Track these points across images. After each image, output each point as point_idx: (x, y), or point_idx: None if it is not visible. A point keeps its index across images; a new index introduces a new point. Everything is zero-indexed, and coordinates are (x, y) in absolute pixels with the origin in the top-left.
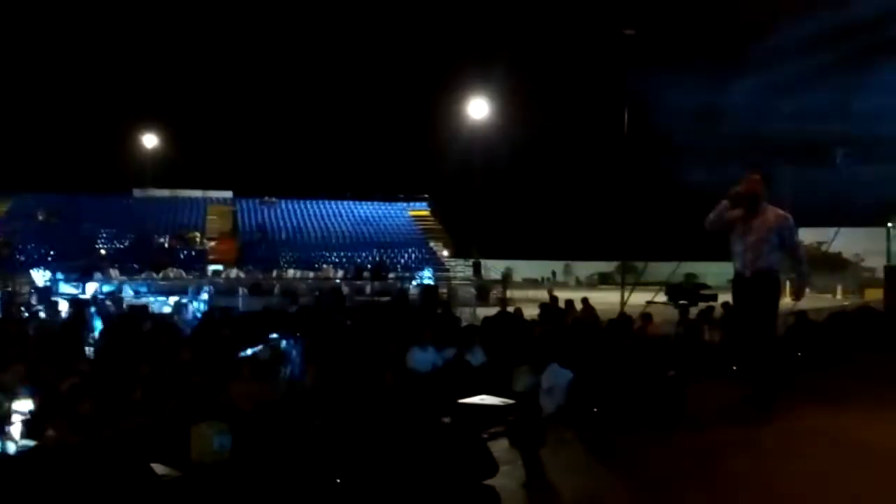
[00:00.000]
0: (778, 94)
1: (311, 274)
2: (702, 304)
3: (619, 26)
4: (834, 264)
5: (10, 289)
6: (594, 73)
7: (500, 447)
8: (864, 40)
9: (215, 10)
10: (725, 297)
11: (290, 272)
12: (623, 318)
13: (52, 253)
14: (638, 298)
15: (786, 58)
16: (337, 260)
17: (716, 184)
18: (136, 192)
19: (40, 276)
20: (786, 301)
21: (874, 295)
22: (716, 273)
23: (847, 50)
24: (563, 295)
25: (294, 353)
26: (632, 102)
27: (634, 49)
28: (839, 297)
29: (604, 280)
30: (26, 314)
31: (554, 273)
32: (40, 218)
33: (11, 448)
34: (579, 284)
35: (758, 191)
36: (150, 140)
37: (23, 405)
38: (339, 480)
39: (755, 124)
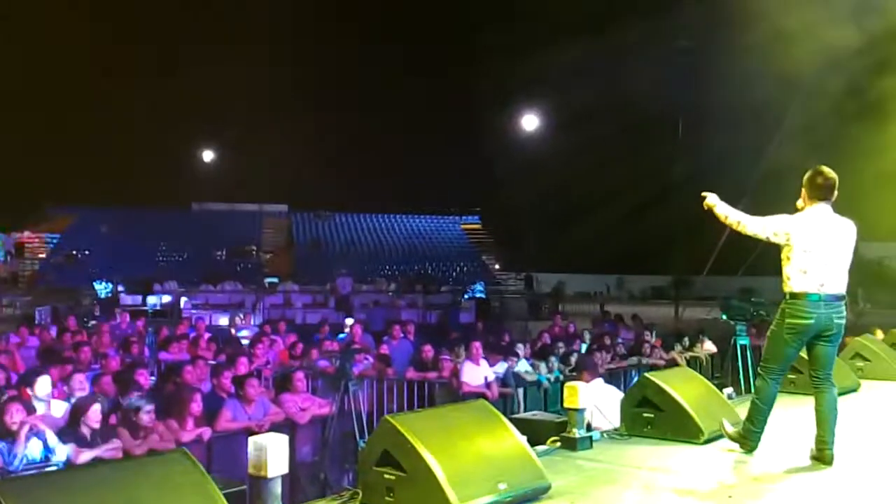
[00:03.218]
0: None
1: (364, 286)
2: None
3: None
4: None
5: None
6: (648, 82)
7: (551, 462)
8: None
9: (269, 23)
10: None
11: None
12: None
13: (113, 266)
14: (692, 313)
15: None
16: (389, 273)
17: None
18: (195, 206)
19: (103, 288)
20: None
21: None
22: (772, 289)
23: None
24: (614, 309)
25: (349, 367)
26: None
27: (691, 60)
28: None
29: (657, 294)
30: (90, 324)
31: (608, 287)
32: (103, 231)
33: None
34: (632, 298)
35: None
36: (207, 154)
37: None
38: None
39: None
